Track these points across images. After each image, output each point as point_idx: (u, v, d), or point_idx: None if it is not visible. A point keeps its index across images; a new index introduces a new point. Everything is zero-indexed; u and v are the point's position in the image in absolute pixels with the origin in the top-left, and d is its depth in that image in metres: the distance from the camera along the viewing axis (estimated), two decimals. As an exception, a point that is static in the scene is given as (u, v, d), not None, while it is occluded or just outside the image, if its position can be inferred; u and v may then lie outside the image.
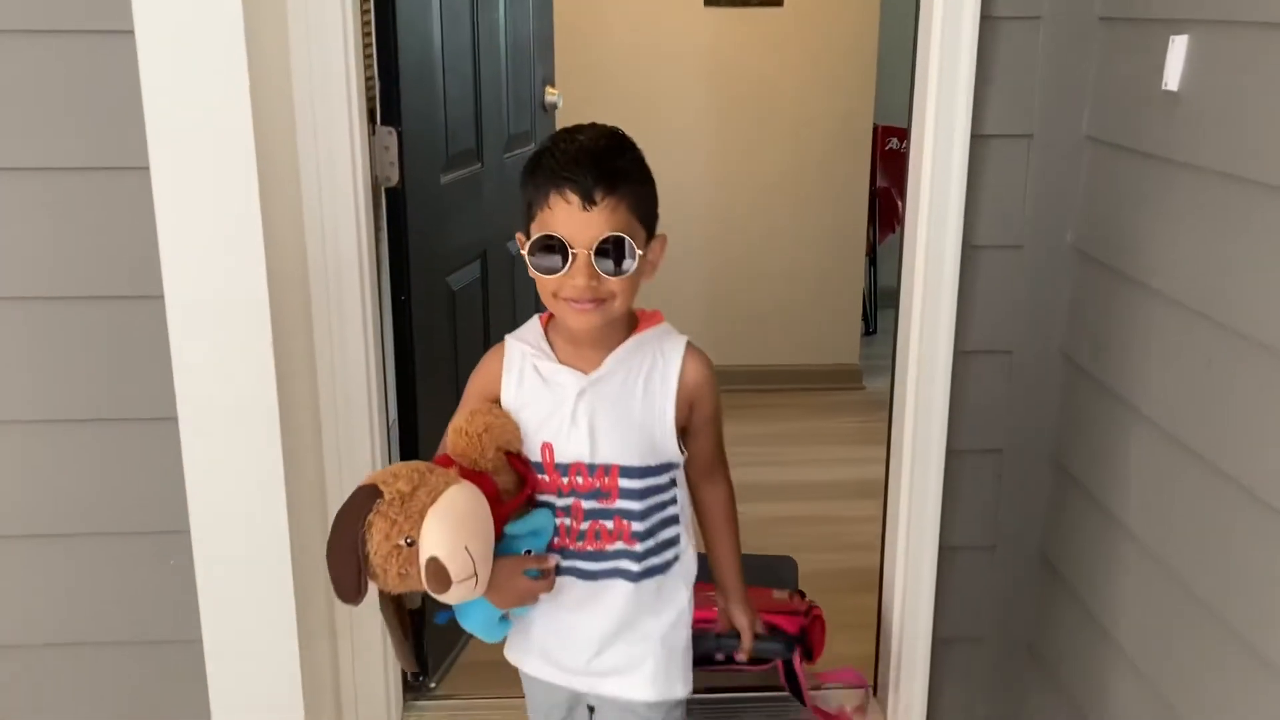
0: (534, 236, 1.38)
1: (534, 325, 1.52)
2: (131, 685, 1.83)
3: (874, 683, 2.22)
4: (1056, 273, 1.90)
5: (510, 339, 1.51)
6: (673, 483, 1.54)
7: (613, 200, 1.36)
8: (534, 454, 1.47)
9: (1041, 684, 2.06)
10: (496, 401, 1.48)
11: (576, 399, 1.45)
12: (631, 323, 1.51)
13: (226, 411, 1.67)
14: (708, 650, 1.63)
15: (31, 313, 1.65)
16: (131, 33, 1.53)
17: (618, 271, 1.38)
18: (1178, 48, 1.55)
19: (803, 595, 2.22)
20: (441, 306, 2.26)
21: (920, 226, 1.91)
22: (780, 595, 2.20)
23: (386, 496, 1.29)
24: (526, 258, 1.40)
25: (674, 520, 1.55)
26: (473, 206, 2.37)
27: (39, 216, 1.62)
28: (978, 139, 1.85)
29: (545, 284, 1.40)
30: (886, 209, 4.46)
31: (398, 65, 1.96)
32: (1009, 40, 1.81)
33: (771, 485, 3.29)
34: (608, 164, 1.37)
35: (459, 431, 1.40)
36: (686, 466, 1.55)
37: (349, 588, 1.29)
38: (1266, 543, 1.37)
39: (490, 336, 2.52)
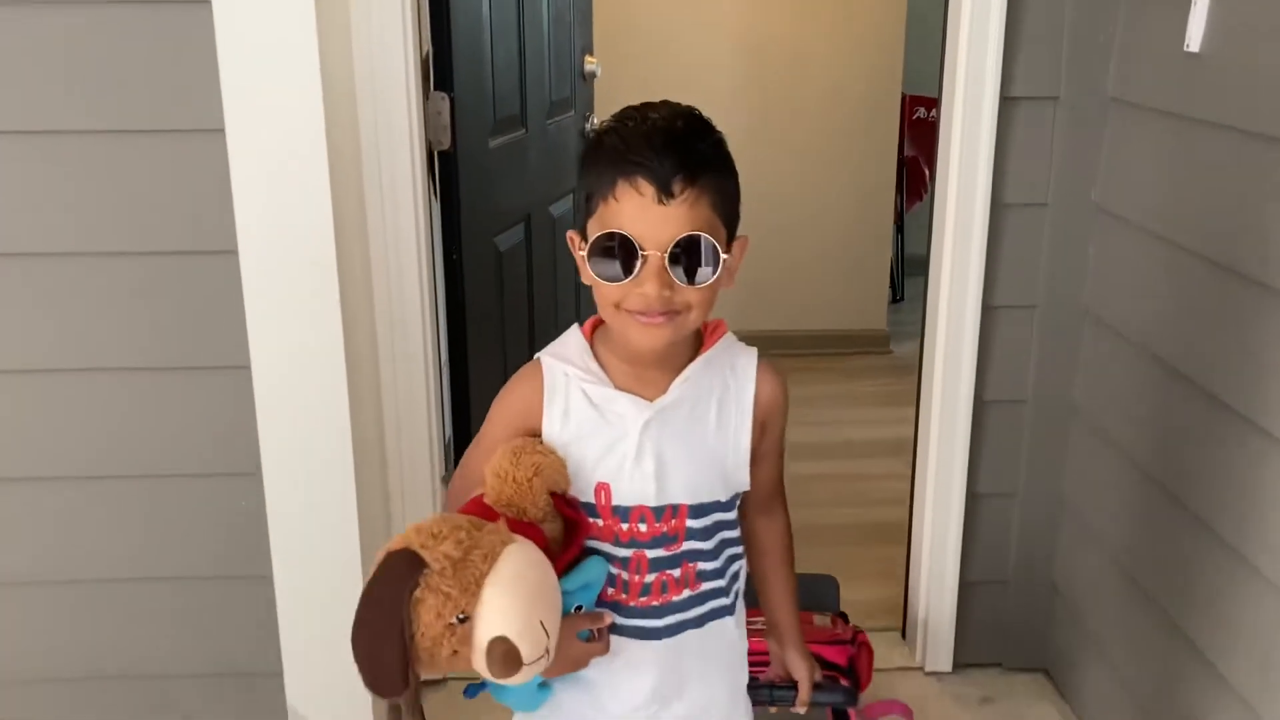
0: (594, 235, 1.14)
1: (575, 340, 1.26)
2: (205, 618, 1.95)
3: (903, 626, 2.32)
4: (1081, 229, 1.99)
5: (548, 358, 1.25)
6: (735, 507, 1.33)
7: (694, 193, 1.12)
8: (586, 495, 1.23)
9: (1064, 622, 2.16)
10: (533, 434, 1.23)
11: (642, 432, 1.21)
12: (697, 337, 1.27)
13: (295, 359, 1.78)
14: (760, 701, 1.43)
15: (118, 268, 1.76)
16: (209, 4, 1.63)
17: (696, 279, 1.14)
18: (1199, 10, 1.63)
19: (845, 618, 2.03)
20: (489, 266, 2.36)
21: (950, 185, 1.99)
22: (822, 620, 2.00)
23: (434, 565, 1.04)
24: (583, 260, 1.16)
25: (739, 551, 1.34)
26: (517, 170, 2.46)
27: (122, 177, 1.72)
28: (1006, 101, 1.93)
29: (607, 293, 1.15)
30: (914, 178, 4.52)
31: (450, 34, 2.06)
32: (1037, 5, 1.89)
33: (802, 445, 3.37)
34: (688, 149, 1.13)
35: (504, 477, 1.16)
36: (746, 497, 1.33)
37: (392, 678, 1.03)
38: (1276, 474, 1.46)
39: (535, 299, 2.62)
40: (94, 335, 1.79)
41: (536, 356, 1.26)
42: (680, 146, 1.12)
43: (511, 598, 1.06)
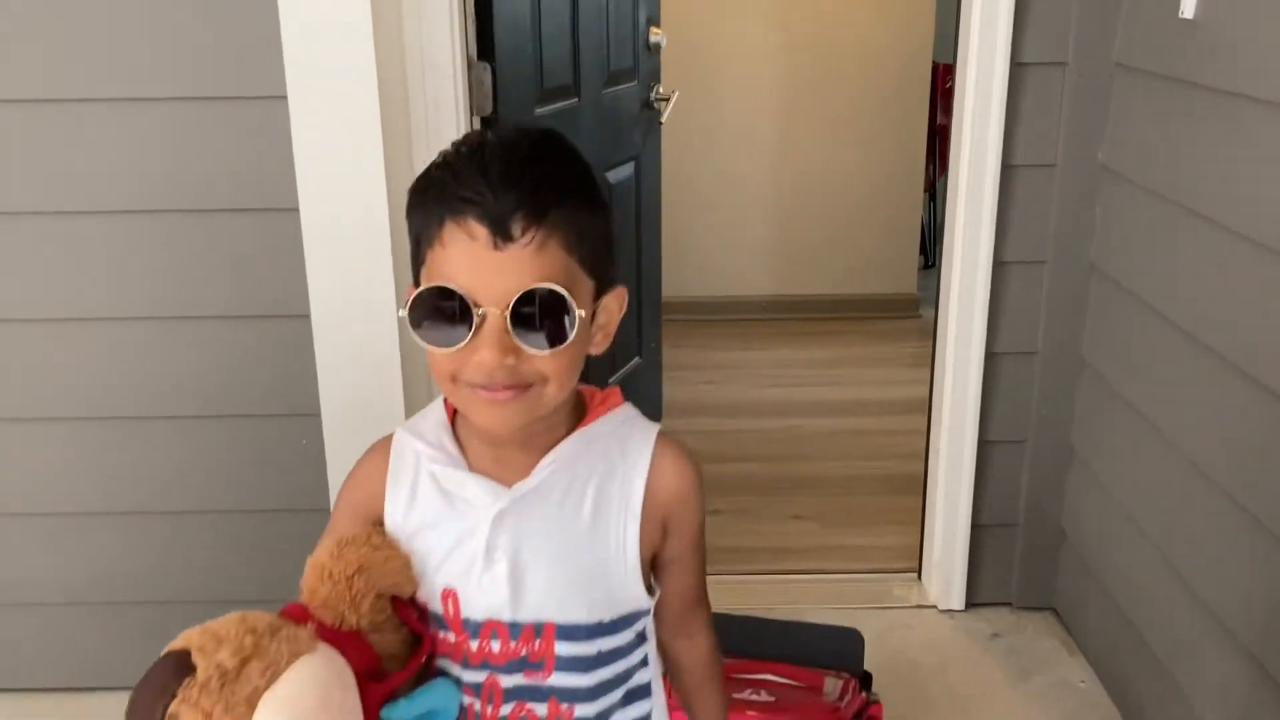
0: (419, 288, 0.94)
1: (436, 414, 1.05)
2: (267, 551, 2.12)
3: (918, 567, 2.45)
4: (1087, 189, 2.09)
5: (401, 433, 1.05)
6: (640, 639, 1.08)
7: (541, 234, 0.90)
8: (433, 602, 1.02)
9: (1069, 564, 2.28)
10: (379, 524, 1.04)
11: (493, 525, 0.99)
12: (578, 408, 1.04)
13: (351, 310, 1.94)
14: None
15: (195, 224, 1.92)
16: (272, -21, 1.78)
17: (548, 344, 0.92)
18: (1194, -21, 1.73)
19: (867, 680, 1.91)
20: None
21: (964, 147, 2.11)
22: (832, 689, 1.84)
23: (200, 675, 0.87)
24: (406, 320, 0.95)
25: (642, 693, 1.09)
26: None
27: (196, 141, 1.88)
28: (1017, 66, 2.04)
29: (439, 363, 0.94)
30: (945, 145, 4.60)
31: (492, 8, 2.19)
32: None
33: (828, 402, 3.52)
34: (533, 176, 0.91)
35: (320, 571, 0.98)
36: (656, 611, 1.08)
37: None
38: (1274, 425, 1.56)
39: None
40: (170, 286, 1.95)
41: (393, 432, 1.05)
42: (523, 175, 0.90)
43: None
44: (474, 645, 1.01)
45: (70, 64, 1.82)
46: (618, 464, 1.02)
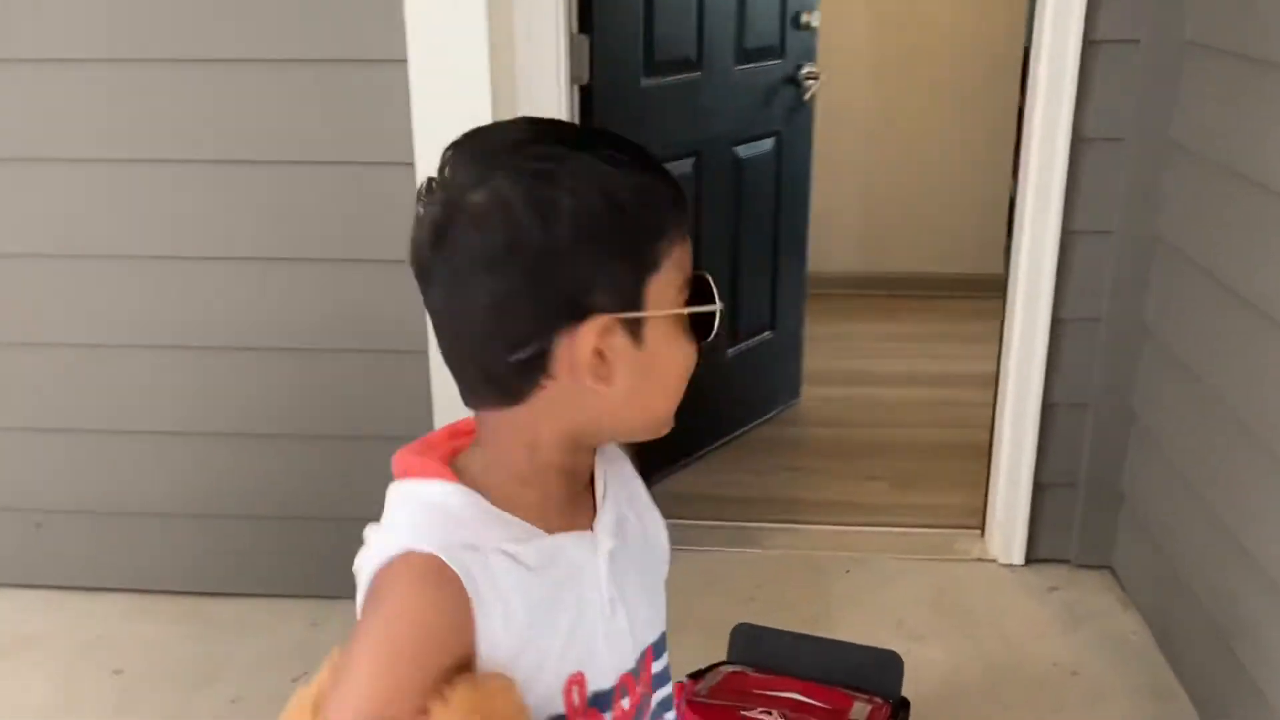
0: (680, 282, 0.86)
1: (457, 497, 0.86)
2: (366, 474, 2.33)
3: (982, 524, 2.56)
4: (1155, 163, 2.18)
5: (446, 551, 0.82)
6: None
7: None
8: (549, 708, 0.87)
9: (1126, 524, 2.37)
10: (459, 670, 0.82)
11: (609, 580, 0.91)
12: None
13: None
14: None
15: (323, 175, 2.13)
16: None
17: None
18: (1258, -40, 1.81)
19: (896, 707, 1.80)
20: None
21: (1035, 122, 2.21)
22: (859, 714, 1.75)
23: None
24: (641, 335, 0.84)
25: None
26: (681, 109, 2.70)
27: (325, 98, 2.09)
28: (1090, 44, 2.13)
29: (684, 367, 0.88)
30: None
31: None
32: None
33: (909, 374, 3.64)
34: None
35: None
36: None
37: None
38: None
39: (701, 229, 2.82)
40: (294, 231, 2.17)
41: (416, 554, 0.82)
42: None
43: None
44: (607, 717, 0.91)
45: (224, 28, 2.05)
46: (614, 467, 0.97)
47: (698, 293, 0.87)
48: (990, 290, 4.44)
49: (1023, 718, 2.02)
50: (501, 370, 0.84)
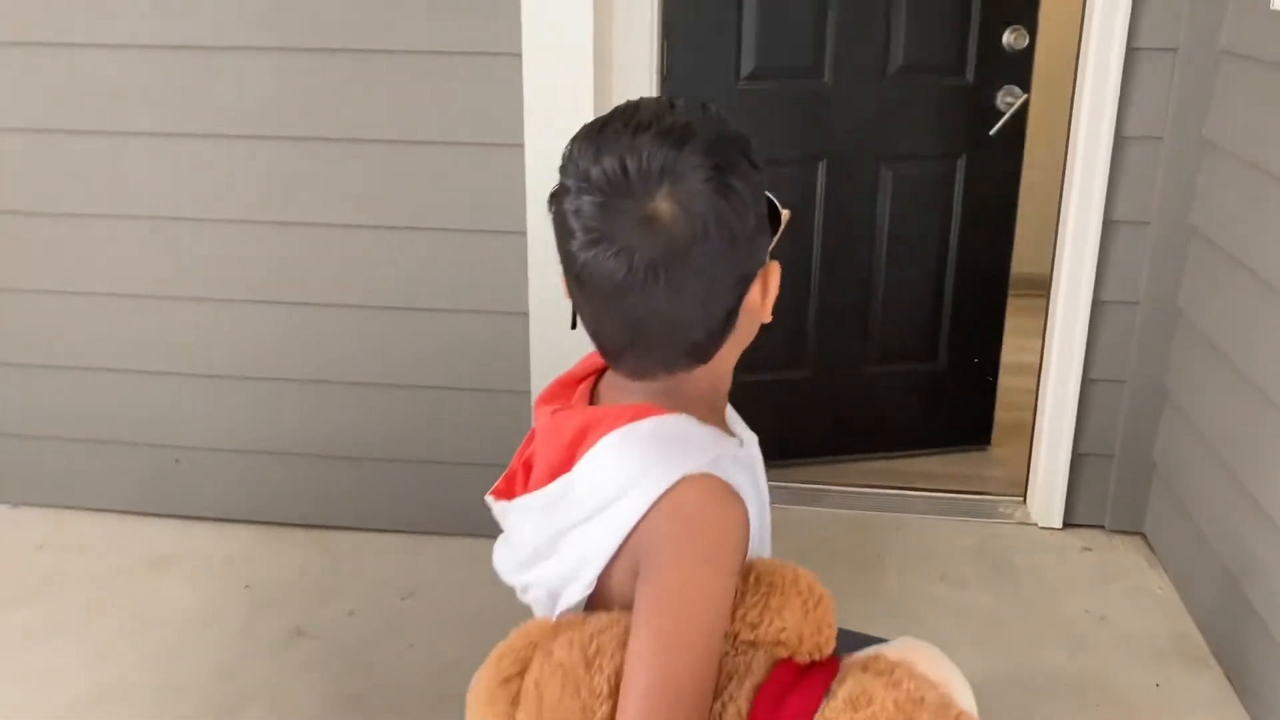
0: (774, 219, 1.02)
1: (685, 428, 0.99)
2: (468, 424, 2.60)
3: (1024, 491, 2.78)
4: (1191, 160, 2.39)
5: (718, 468, 0.96)
6: None
7: None
8: None
9: (1159, 492, 2.58)
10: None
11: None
12: None
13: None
14: None
15: (432, 154, 2.42)
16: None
17: None
18: (1282, -23, 2.03)
19: None
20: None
21: (1081, 121, 2.44)
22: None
23: None
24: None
25: None
26: (788, 116, 2.76)
27: (443, 86, 2.38)
28: (1131, 51, 2.36)
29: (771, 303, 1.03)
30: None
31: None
32: (1162, -31, 2.31)
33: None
34: None
35: (825, 624, 0.97)
36: None
37: None
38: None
39: (823, 241, 2.87)
40: (414, 203, 2.46)
41: (698, 474, 0.94)
42: None
43: None
44: None
45: (363, 21, 2.35)
46: None
47: (776, 216, 1.03)
48: (1035, 288, 4.66)
49: (1052, 653, 2.24)
50: (705, 340, 0.97)
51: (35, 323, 2.65)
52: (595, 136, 0.97)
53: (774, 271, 1.01)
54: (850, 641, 1.95)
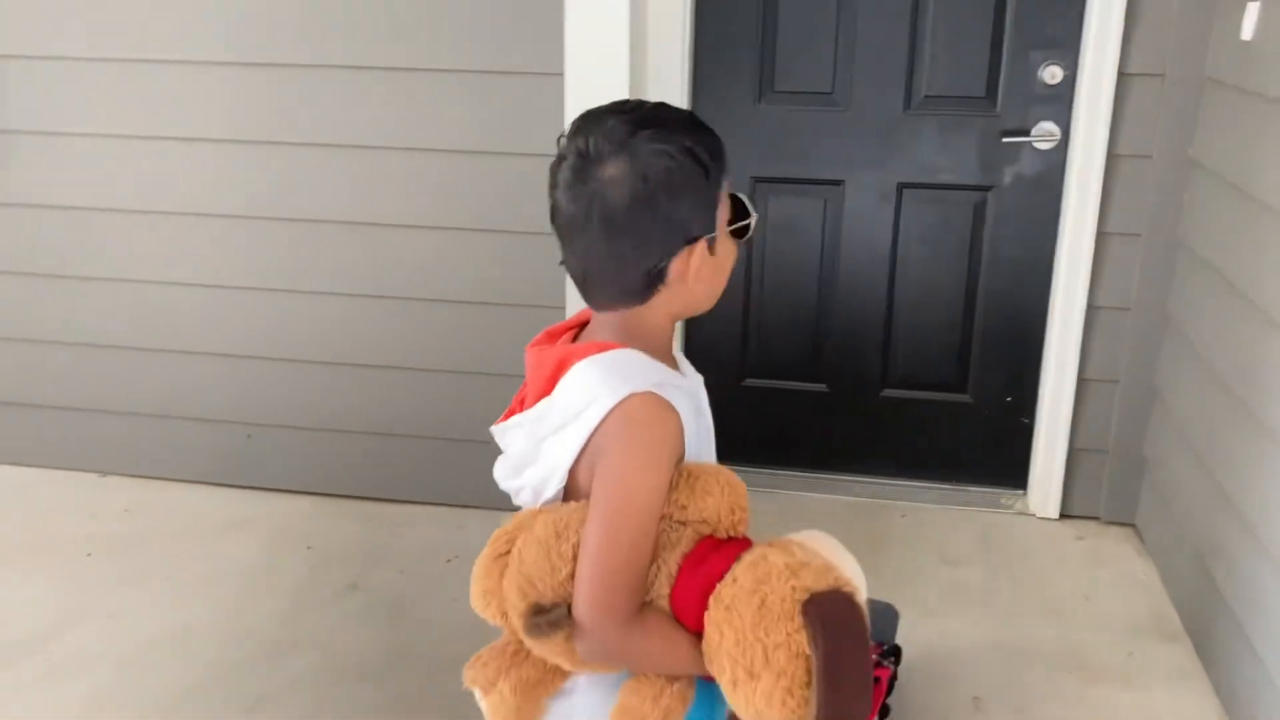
0: (732, 214, 1.27)
1: (637, 360, 1.22)
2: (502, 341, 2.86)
3: (1024, 484, 2.97)
4: (1178, 177, 2.59)
5: (659, 390, 1.20)
6: None
7: None
8: None
9: (1149, 487, 2.76)
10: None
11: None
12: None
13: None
14: None
15: (484, 163, 2.70)
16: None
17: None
18: (1251, 9, 2.24)
19: (886, 653, 2.09)
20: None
21: (1076, 141, 2.65)
22: None
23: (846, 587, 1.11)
24: (713, 247, 1.24)
25: None
26: (812, 137, 2.89)
27: (494, 101, 2.65)
28: (1123, 76, 2.57)
29: (733, 258, 1.30)
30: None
31: (698, 28, 2.85)
32: (1151, 1, 2.51)
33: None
34: None
35: (737, 506, 1.19)
36: None
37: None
38: None
39: (836, 261, 2.95)
40: (461, 207, 2.74)
41: (643, 391, 1.18)
42: None
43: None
44: None
45: (423, 44, 2.63)
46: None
47: (740, 211, 1.28)
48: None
49: (1037, 625, 2.43)
50: (636, 285, 1.22)
51: (119, 309, 2.97)
52: (585, 117, 1.25)
53: (698, 253, 1.22)
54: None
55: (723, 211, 1.26)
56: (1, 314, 3.03)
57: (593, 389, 1.17)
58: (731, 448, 3.15)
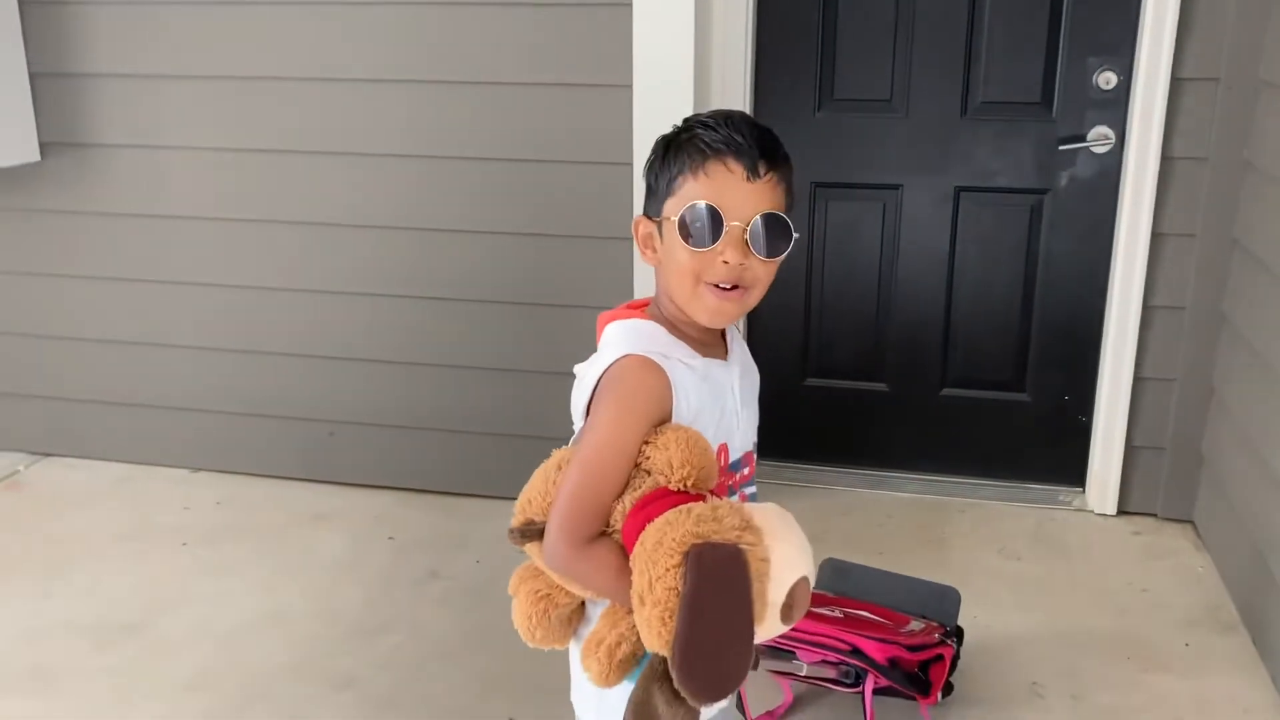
0: (682, 208, 1.25)
1: (651, 330, 1.32)
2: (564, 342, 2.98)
3: (1082, 481, 3.03)
4: (1234, 179, 2.65)
5: (653, 356, 1.28)
6: None
7: (775, 177, 1.28)
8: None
9: (1206, 483, 2.81)
10: (660, 424, 1.29)
11: (738, 390, 1.38)
12: None
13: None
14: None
15: (557, 171, 2.83)
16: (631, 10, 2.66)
17: (773, 252, 1.27)
18: (1304, 15, 2.29)
19: (949, 633, 2.18)
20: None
21: (1131, 144, 2.71)
22: (915, 626, 2.16)
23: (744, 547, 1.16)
24: (661, 233, 1.29)
25: None
26: (858, 144, 2.99)
27: (568, 112, 2.78)
28: (1176, 81, 2.63)
29: (688, 265, 1.27)
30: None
31: (759, 44, 2.95)
32: (1205, 6, 2.57)
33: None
34: (771, 139, 1.29)
35: (698, 461, 1.24)
36: None
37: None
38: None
39: (893, 267, 3.04)
40: (537, 212, 2.87)
41: (635, 355, 1.28)
42: (765, 137, 1.28)
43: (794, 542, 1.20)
44: (737, 476, 1.38)
45: (503, 60, 2.77)
46: (738, 338, 1.45)
47: (695, 216, 1.26)
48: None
49: (1094, 616, 2.50)
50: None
51: (210, 313, 3.14)
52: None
53: (644, 224, 1.33)
54: (912, 585, 2.28)
55: (675, 206, 1.28)
56: (103, 317, 3.22)
57: (606, 349, 1.32)
58: (794, 445, 3.28)
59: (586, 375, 1.33)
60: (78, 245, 3.17)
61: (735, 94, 2.90)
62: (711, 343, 1.37)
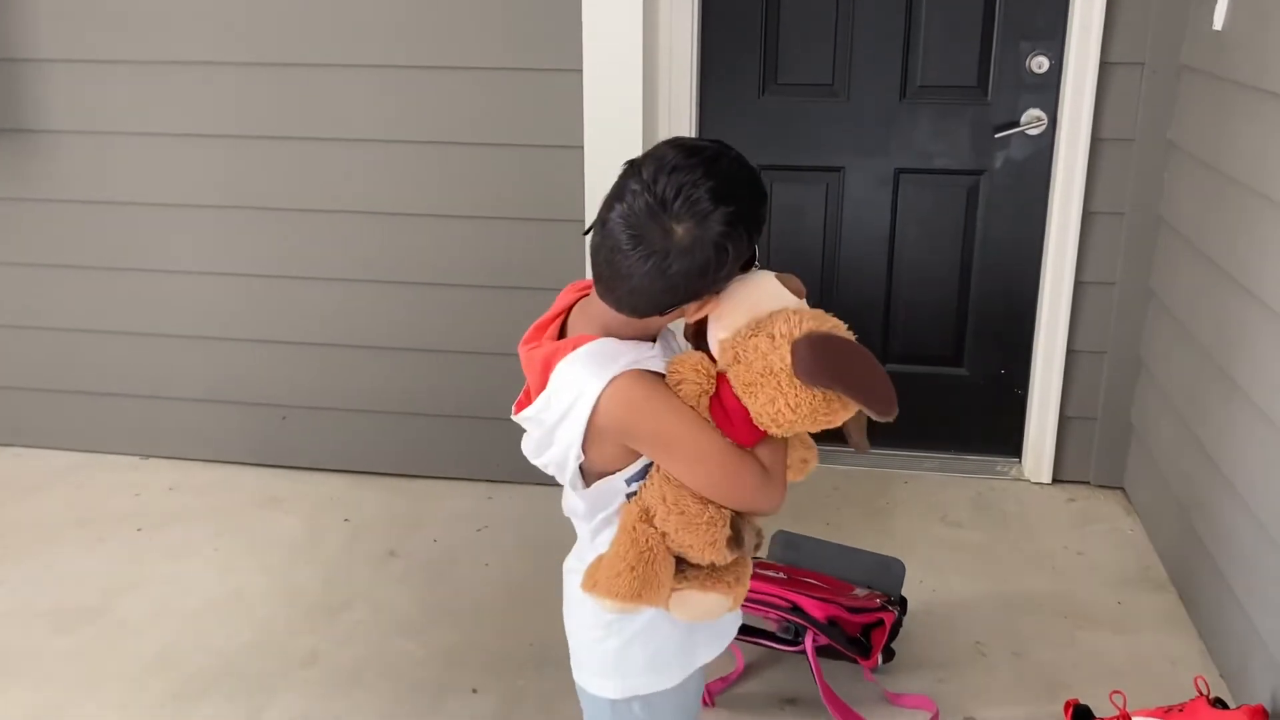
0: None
1: (607, 347, 1.36)
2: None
3: (1021, 451, 3.15)
4: (1158, 159, 2.77)
5: (629, 366, 1.34)
6: None
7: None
8: None
9: (1136, 450, 2.94)
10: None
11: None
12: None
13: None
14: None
15: (511, 155, 2.87)
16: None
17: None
18: (1221, 4, 2.41)
19: (892, 601, 2.28)
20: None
21: (1063, 126, 2.82)
22: (860, 593, 2.28)
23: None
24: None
25: None
26: (810, 127, 3.07)
27: (519, 96, 2.82)
28: (1105, 65, 2.74)
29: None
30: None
31: (704, 31, 3.02)
32: (1130, -4, 2.70)
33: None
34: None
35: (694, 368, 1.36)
36: None
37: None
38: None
39: (836, 247, 3.15)
40: (488, 195, 2.91)
41: (621, 375, 1.31)
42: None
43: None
44: None
45: (452, 45, 2.80)
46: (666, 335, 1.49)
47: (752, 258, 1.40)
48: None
49: (1032, 578, 2.61)
50: (645, 311, 1.32)
51: (158, 299, 3.14)
52: (668, 165, 1.27)
53: (711, 302, 1.35)
54: (858, 557, 2.37)
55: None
56: (46, 304, 3.20)
57: (579, 383, 1.33)
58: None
59: (569, 415, 1.34)
60: (20, 231, 3.15)
61: (682, 81, 2.96)
62: (646, 335, 1.42)
